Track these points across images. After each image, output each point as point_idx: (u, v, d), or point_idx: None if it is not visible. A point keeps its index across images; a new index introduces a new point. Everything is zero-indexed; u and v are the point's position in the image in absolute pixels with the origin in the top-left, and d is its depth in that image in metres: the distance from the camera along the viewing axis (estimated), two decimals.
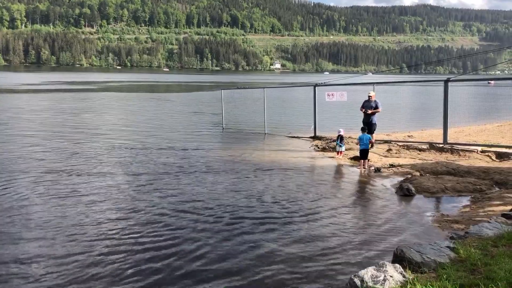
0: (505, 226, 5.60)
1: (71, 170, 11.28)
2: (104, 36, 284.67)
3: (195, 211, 8.00)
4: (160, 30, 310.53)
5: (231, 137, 18.39)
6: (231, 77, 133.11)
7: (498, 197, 8.58)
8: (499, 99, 27.14)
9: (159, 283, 5.29)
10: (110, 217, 7.66)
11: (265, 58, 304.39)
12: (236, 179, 10.62)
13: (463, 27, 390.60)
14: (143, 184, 10.00)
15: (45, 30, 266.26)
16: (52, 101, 35.82)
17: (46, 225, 7.22)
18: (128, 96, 44.84)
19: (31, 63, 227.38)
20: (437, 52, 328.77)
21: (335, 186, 10.48)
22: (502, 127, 17.90)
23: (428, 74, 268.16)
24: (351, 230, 7.13)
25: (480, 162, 12.03)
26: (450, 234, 6.28)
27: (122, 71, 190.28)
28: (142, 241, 6.59)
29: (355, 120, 15.68)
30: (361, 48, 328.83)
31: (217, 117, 23.91)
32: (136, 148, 14.84)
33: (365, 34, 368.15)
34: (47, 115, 24.88)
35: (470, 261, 4.29)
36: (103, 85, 66.00)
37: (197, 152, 14.24)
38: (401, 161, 12.50)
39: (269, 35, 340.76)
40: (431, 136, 16.15)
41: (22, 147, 14.68)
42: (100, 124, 21.52)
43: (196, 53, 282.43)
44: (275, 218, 7.66)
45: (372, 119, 14.64)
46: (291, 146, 15.99)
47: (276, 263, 5.82)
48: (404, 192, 9.25)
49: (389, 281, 3.81)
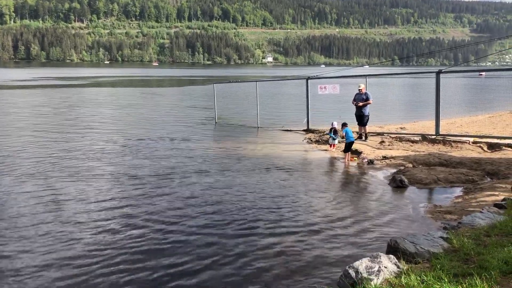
0: (497, 216, 5.65)
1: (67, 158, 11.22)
2: (95, 31, 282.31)
3: (187, 203, 8.01)
4: (151, 25, 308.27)
5: (224, 131, 18.35)
6: (223, 71, 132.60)
7: (490, 188, 8.65)
8: (490, 90, 27.29)
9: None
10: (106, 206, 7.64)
11: (257, 52, 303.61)
12: (228, 171, 10.61)
13: (454, 18, 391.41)
14: (132, 178, 9.97)
15: (35, 25, 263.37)
16: (44, 97, 35.50)
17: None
18: (121, 92, 44.54)
19: (21, 59, 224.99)
20: (429, 44, 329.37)
21: (328, 178, 10.51)
22: (493, 118, 18.01)
23: (419, 66, 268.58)
24: (344, 222, 7.16)
25: (472, 153, 12.12)
26: (443, 225, 6.34)
27: (114, 65, 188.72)
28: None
29: (349, 113, 15.70)
30: (353, 41, 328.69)
31: (210, 111, 23.82)
32: (132, 139, 14.76)
33: (356, 27, 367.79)
34: (40, 111, 24.67)
35: (463, 251, 4.32)
36: (94, 81, 65.47)
37: (189, 146, 14.21)
38: (394, 153, 12.56)
39: (260, 28, 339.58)
40: (423, 127, 16.21)
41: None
42: (92, 119, 21.36)
43: (187, 47, 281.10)
44: (267, 211, 7.67)
45: (364, 111, 14.71)
46: (284, 139, 16.00)
47: (271, 255, 5.83)
48: (397, 183, 9.30)
49: (383, 272, 3.83)
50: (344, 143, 12.13)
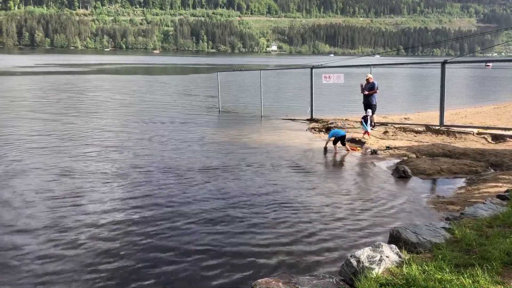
0: (500, 207, 5.66)
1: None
2: (99, 18, 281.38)
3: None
4: (155, 12, 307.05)
5: (228, 119, 18.34)
6: (227, 59, 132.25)
7: (493, 179, 8.63)
8: (495, 81, 27.11)
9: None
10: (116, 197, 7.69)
11: (261, 40, 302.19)
12: (231, 159, 10.64)
13: (460, 8, 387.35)
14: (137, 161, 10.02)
15: (39, 11, 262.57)
16: (49, 83, 35.55)
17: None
18: (126, 79, 44.52)
19: (25, 45, 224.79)
20: (434, 34, 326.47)
21: (331, 168, 10.52)
22: (498, 109, 17.94)
23: (425, 56, 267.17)
24: (346, 211, 7.17)
25: (476, 144, 12.08)
26: (445, 215, 6.34)
27: (118, 53, 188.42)
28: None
29: (353, 102, 15.67)
30: (358, 30, 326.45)
31: (213, 99, 23.79)
32: (142, 122, 14.80)
33: (362, 16, 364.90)
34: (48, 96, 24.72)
35: (465, 242, 4.34)
36: (98, 68, 65.44)
37: (193, 131, 14.23)
38: (398, 143, 12.53)
39: (265, 16, 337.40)
40: (427, 118, 16.16)
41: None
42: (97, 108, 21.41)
43: (191, 35, 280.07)
44: (269, 200, 7.69)
45: (371, 100, 14.82)
46: (287, 128, 15.97)
47: (271, 244, 5.86)
48: (400, 174, 9.29)
49: (385, 261, 3.85)
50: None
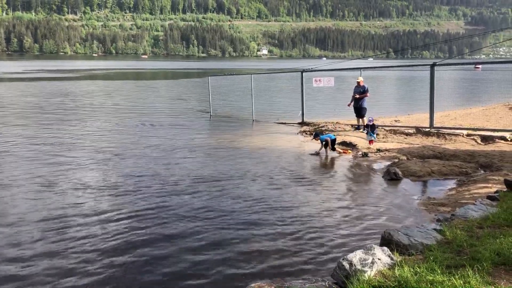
0: (490, 208, 5.69)
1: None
2: (88, 23, 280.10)
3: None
4: (145, 17, 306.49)
5: (219, 124, 18.33)
6: (218, 63, 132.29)
7: (483, 180, 8.70)
8: (484, 82, 27.39)
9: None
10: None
11: (251, 44, 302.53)
12: (224, 165, 10.62)
13: (448, 11, 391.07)
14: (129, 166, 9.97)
15: (27, 17, 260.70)
16: (33, 89, 35.27)
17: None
18: (117, 85, 44.31)
19: (14, 51, 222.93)
20: (423, 37, 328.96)
21: (322, 171, 10.53)
22: (487, 110, 18.08)
23: (414, 59, 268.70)
24: (338, 214, 7.18)
25: (466, 146, 12.17)
26: (436, 217, 6.37)
27: (108, 58, 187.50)
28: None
29: (346, 105, 15.75)
30: (348, 34, 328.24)
31: (204, 104, 23.76)
32: (132, 126, 14.73)
33: (351, 19, 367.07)
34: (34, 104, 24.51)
35: (456, 243, 4.35)
36: (87, 73, 65.06)
37: (184, 138, 14.20)
38: (388, 146, 12.59)
39: (255, 20, 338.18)
40: (417, 120, 16.26)
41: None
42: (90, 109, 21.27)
43: (182, 39, 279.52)
44: (262, 204, 7.68)
45: (361, 103, 14.95)
46: (279, 132, 16.00)
47: (264, 247, 5.84)
48: (391, 176, 9.33)
49: (377, 263, 3.85)
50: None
